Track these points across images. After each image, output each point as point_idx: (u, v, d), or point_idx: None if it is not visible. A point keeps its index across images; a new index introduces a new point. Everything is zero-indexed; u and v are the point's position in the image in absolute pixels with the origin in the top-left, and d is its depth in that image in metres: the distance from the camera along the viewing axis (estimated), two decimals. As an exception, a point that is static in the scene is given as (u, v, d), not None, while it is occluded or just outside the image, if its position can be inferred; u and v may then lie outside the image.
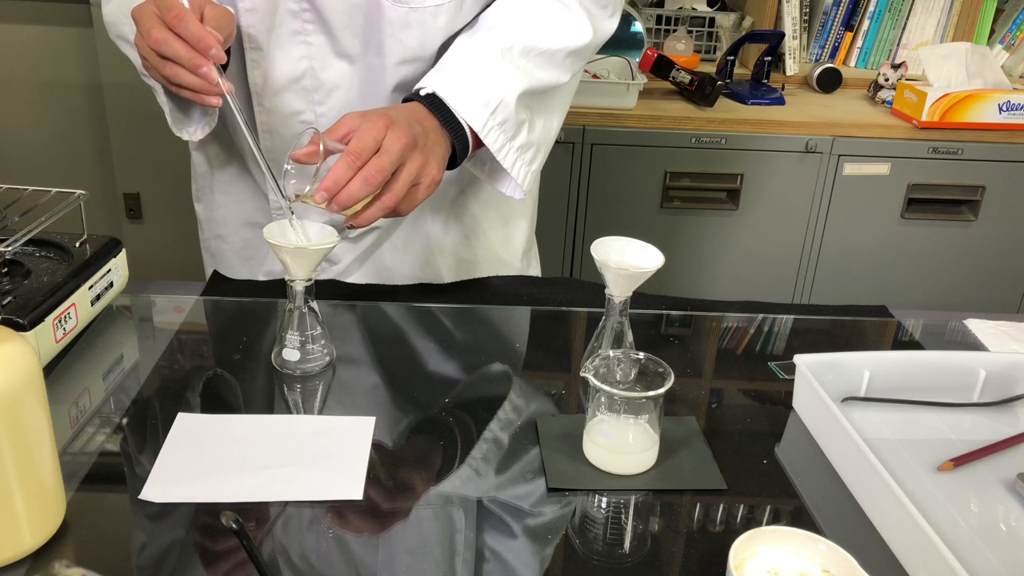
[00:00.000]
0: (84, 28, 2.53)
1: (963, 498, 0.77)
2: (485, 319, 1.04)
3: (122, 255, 0.99)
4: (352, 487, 0.74)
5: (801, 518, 0.74)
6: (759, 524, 0.64)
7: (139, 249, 2.39)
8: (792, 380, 0.89)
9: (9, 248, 0.86)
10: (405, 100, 0.95)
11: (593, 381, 0.75)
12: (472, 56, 0.96)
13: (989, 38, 2.43)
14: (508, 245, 1.22)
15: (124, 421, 0.83)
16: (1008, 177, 2.13)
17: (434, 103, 0.93)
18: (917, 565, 0.67)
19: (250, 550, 0.60)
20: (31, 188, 0.94)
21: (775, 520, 0.74)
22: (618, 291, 0.86)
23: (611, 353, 0.80)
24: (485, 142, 0.95)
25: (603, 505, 0.75)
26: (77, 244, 0.95)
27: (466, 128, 0.94)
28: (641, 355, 0.79)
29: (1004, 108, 2.07)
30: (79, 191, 0.95)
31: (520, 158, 0.99)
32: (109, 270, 0.96)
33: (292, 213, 0.87)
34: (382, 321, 1.03)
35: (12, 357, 0.61)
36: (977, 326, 1.08)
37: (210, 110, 1.00)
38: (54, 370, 0.88)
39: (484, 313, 1.05)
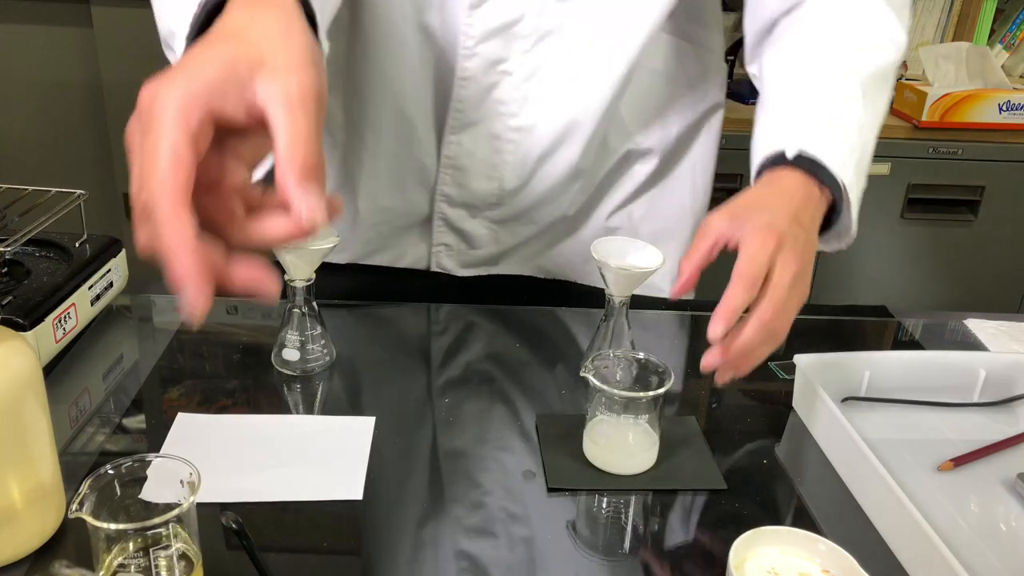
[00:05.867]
0: (84, 28, 2.53)
1: (963, 498, 0.77)
2: (485, 319, 1.04)
3: (122, 255, 0.99)
4: (352, 487, 0.74)
5: (801, 518, 0.74)
6: (759, 524, 0.64)
7: (139, 249, 2.39)
8: (792, 380, 0.89)
9: (9, 248, 0.86)
10: (763, 161, 0.78)
11: (593, 381, 0.75)
12: (830, 93, 0.81)
13: (989, 38, 2.43)
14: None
15: (124, 421, 0.83)
16: (1008, 177, 2.13)
17: (800, 161, 0.76)
18: (917, 565, 0.67)
19: (250, 550, 0.60)
20: (31, 188, 0.94)
21: (775, 520, 0.74)
22: (618, 291, 0.86)
23: (611, 353, 0.80)
24: (850, 198, 0.77)
25: (603, 505, 0.75)
26: (77, 244, 0.95)
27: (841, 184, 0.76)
28: (641, 355, 0.79)
29: (1004, 108, 2.07)
30: (79, 191, 0.95)
31: (856, 205, 0.80)
32: (109, 270, 0.96)
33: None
34: (382, 321, 1.03)
35: (12, 357, 0.61)
36: (977, 326, 1.08)
37: None
38: (54, 370, 0.88)
39: (484, 313, 1.05)
